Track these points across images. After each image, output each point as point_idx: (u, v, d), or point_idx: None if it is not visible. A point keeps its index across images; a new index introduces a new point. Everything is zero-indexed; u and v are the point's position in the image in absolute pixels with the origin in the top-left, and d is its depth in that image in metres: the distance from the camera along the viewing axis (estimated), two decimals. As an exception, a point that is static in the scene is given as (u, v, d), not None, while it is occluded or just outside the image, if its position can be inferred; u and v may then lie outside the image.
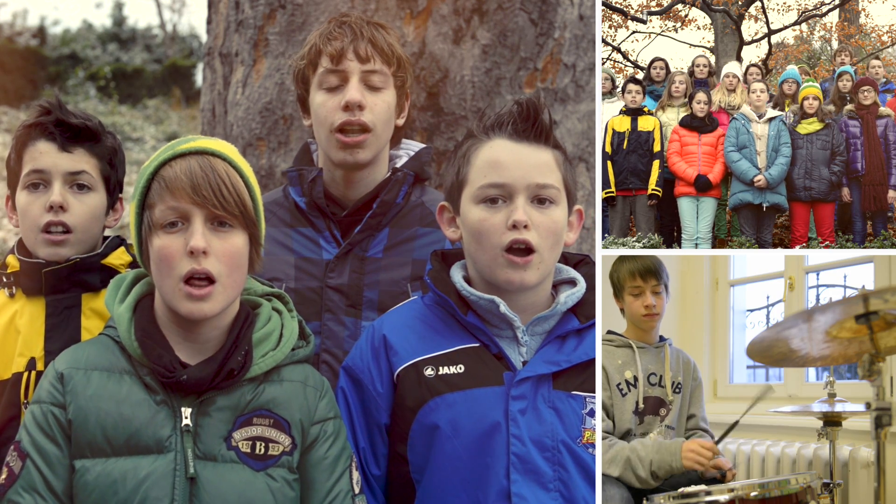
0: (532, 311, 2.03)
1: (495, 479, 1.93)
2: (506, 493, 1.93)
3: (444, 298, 2.04)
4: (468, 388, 1.97)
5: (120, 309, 1.90)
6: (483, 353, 2.01)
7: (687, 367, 2.99)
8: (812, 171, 4.22)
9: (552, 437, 1.96)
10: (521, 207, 1.96)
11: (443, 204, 2.11)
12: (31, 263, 2.20)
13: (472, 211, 2.00)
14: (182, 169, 1.82)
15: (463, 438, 1.95)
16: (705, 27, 6.03)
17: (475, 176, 2.01)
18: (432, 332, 2.05)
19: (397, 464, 2.03)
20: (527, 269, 1.96)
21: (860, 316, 2.29)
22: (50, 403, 1.84)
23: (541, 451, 1.95)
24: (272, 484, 1.85)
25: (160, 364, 1.83)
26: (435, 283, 2.06)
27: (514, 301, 2.01)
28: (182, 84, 18.03)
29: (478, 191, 2.00)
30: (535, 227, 1.96)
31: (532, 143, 2.01)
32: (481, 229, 1.98)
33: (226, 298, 1.85)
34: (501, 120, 2.04)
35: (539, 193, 1.98)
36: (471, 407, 1.96)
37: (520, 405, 1.96)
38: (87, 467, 1.80)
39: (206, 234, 1.81)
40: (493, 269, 1.98)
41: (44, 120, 2.21)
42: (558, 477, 1.95)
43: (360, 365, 2.06)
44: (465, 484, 1.94)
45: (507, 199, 1.98)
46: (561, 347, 2.02)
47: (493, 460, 1.94)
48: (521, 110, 2.02)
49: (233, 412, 1.86)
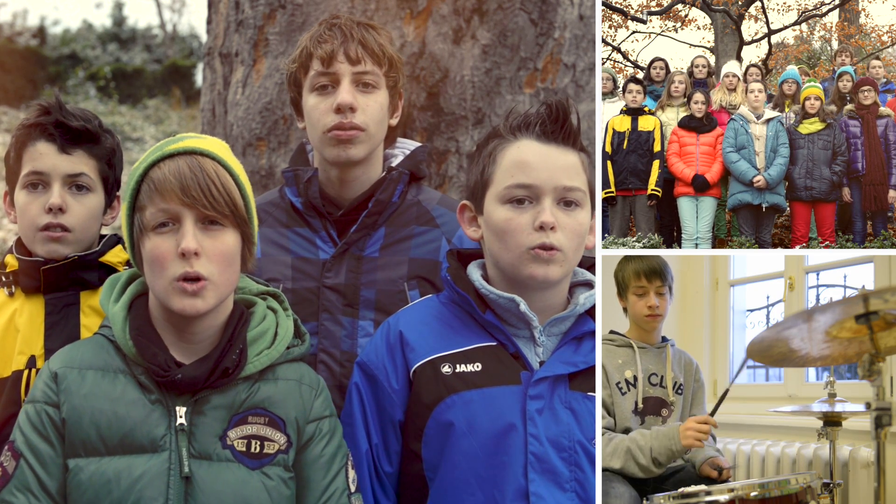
0: (549, 312, 2.04)
1: (513, 477, 1.93)
2: (523, 493, 1.92)
3: (463, 296, 2.03)
4: (485, 387, 1.97)
5: (114, 308, 1.90)
6: (500, 352, 2.01)
7: (689, 368, 3.00)
8: (813, 171, 4.22)
9: (569, 437, 1.96)
10: (548, 209, 1.96)
11: (464, 203, 2.10)
12: (30, 262, 2.21)
13: (498, 210, 2.00)
14: (171, 170, 1.82)
15: (479, 436, 1.95)
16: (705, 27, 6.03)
17: (501, 176, 2.01)
18: (449, 330, 2.05)
19: (410, 461, 2.03)
20: (551, 265, 1.96)
21: (860, 316, 2.29)
22: (44, 403, 1.84)
23: (558, 451, 1.95)
24: (268, 483, 1.85)
25: (155, 363, 1.82)
26: (454, 281, 2.06)
27: (532, 301, 2.01)
28: (182, 84, 18.03)
29: (504, 191, 1.99)
30: (561, 229, 1.96)
31: (560, 145, 2.01)
32: (507, 229, 1.98)
33: (218, 296, 1.84)
34: (529, 120, 2.03)
35: (566, 196, 1.98)
36: (488, 405, 1.96)
37: (537, 405, 1.96)
38: (81, 466, 1.80)
39: (197, 234, 1.81)
40: (518, 265, 1.98)
41: (44, 120, 2.21)
42: (574, 477, 1.95)
43: (376, 361, 2.05)
44: (481, 482, 1.94)
45: (533, 200, 1.97)
46: (578, 349, 2.03)
47: (510, 459, 1.94)
48: (550, 111, 2.01)
49: (228, 411, 1.86)
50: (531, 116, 2.03)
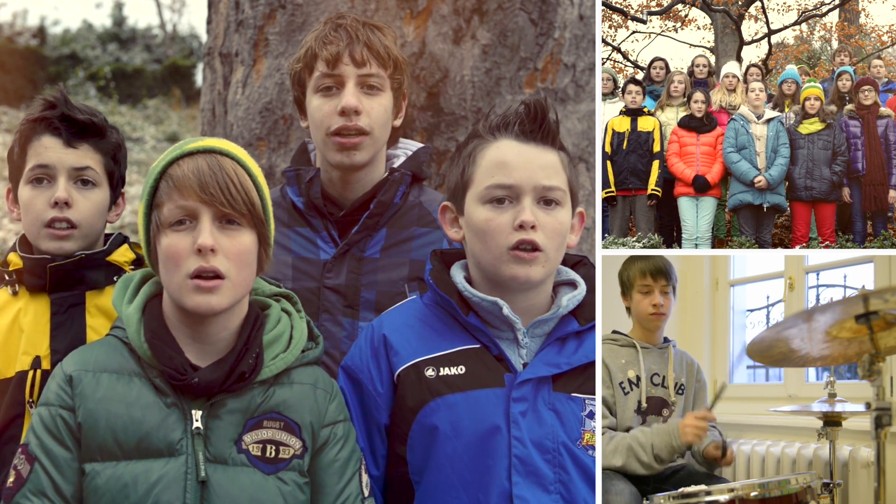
0: (532, 313, 2.03)
1: (497, 480, 1.93)
2: (507, 495, 1.92)
3: (445, 299, 2.03)
4: (469, 390, 1.97)
5: (129, 310, 1.88)
6: (484, 355, 2.01)
7: (690, 368, 3.00)
8: (813, 171, 4.22)
9: (553, 439, 1.96)
10: (528, 208, 1.95)
11: (445, 204, 2.10)
12: (36, 259, 2.18)
13: (478, 211, 1.99)
14: (190, 168, 1.82)
15: (463, 440, 1.95)
16: (705, 27, 6.03)
17: (481, 176, 2.00)
18: (432, 333, 2.04)
19: (396, 465, 2.02)
20: (532, 266, 1.95)
21: (860, 316, 2.29)
22: (59, 406, 1.82)
23: (542, 453, 1.94)
24: (283, 487, 1.83)
25: (171, 366, 1.81)
26: (437, 284, 2.05)
27: (515, 302, 2.00)
28: (182, 84, 18.03)
29: (484, 191, 1.99)
30: (541, 228, 1.96)
31: (539, 144, 2.01)
32: (487, 229, 1.97)
33: (234, 295, 1.83)
34: (508, 120, 2.03)
35: (545, 195, 1.98)
36: (471, 408, 1.96)
37: (521, 407, 1.95)
38: (98, 471, 1.78)
39: (213, 232, 1.80)
40: (498, 266, 1.97)
41: (49, 114, 2.19)
42: (559, 479, 1.95)
43: (360, 365, 2.05)
44: (466, 485, 1.94)
45: (513, 199, 1.97)
46: (561, 350, 2.02)
47: (495, 462, 1.93)
48: (529, 111, 2.01)
49: (243, 415, 1.84)
50: (510, 116, 2.03)
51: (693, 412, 2.77)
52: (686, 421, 2.67)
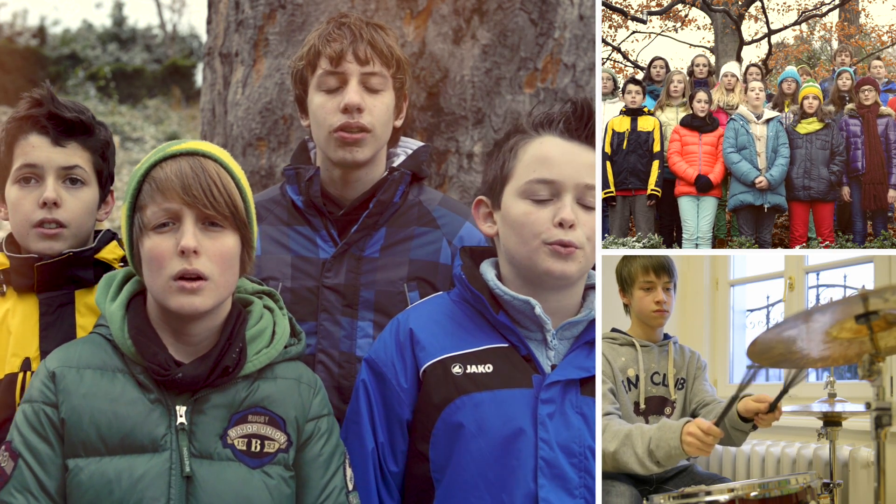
0: (561, 315, 2.02)
1: (522, 482, 1.92)
2: (533, 497, 1.91)
3: (477, 296, 2.02)
4: (496, 389, 1.96)
5: (112, 307, 1.89)
6: (512, 354, 2.00)
7: (691, 360, 2.98)
8: (811, 171, 4.22)
9: (579, 443, 1.95)
10: (568, 206, 1.95)
11: (480, 198, 2.09)
12: (23, 259, 2.14)
13: (517, 205, 1.99)
14: (173, 170, 1.82)
15: (488, 439, 1.94)
16: (705, 27, 6.02)
17: (522, 171, 2.00)
18: (460, 329, 2.03)
19: (417, 461, 2.01)
20: (568, 261, 1.95)
21: (860, 316, 2.28)
22: (42, 402, 1.83)
23: (568, 456, 1.94)
24: (268, 481, 1.85)
25: (155, 362, 1.82)
26: (469, 280, 2.04)
27: (546, 303, 2.00)
28: (182, 84, 18.04)
29: (525, 185, 1.98)
30: (580, 227, 1.95)
31: (581, 143, 2.01)
32: (525, 222, 1.96)
33: (217, 297, 1.84)
34: (552, 117, 2.03)
35: (586, 195, 1.98)
36: (498, 408, 1.95)
37: (548, 409, 1.95)
38: (81, 467, 1.79)
39: (196, 234, 1.81)
40: (534, 259, 1.96)
41: (35, 112, 2.16)
42: (584, 483, 1.94)
43: (384, 358, 2.04)
44: (489, 485, 1.93)
45: (554, 195, 1.96)
46: (590, 353, 2.02)
47: (520, 463, 1.92)
48: (576, 109, 2.01)
49: (228, 410, 1.86)
50: (555, 113, 2.03)
51: (699, 421, 2.64)
52: (690, 429, 2.57)
